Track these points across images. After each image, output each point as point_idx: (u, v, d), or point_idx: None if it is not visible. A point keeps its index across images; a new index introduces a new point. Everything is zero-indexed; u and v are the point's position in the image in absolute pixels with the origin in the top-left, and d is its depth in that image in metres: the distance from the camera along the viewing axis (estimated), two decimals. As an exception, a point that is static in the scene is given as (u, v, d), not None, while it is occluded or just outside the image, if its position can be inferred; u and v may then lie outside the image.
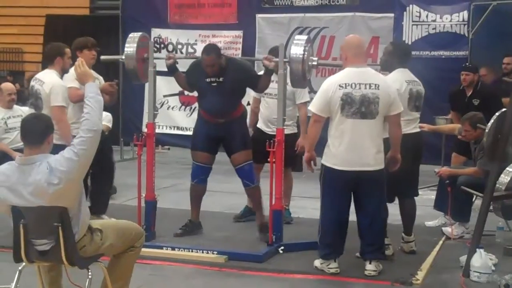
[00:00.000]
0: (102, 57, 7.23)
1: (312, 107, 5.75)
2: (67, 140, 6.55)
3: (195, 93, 12.07)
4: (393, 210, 6.39)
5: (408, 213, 6.51)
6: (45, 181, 4.10)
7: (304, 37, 6.67)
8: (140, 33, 6.91)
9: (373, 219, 5.75)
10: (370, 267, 5.76)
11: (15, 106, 8.20)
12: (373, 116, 5.59)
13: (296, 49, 6.31)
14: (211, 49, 6.73)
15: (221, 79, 6.69)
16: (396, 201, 6.49)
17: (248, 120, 7.47)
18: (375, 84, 5.61)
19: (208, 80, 6.72)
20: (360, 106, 5.56)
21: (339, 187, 5.72)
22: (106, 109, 7.58)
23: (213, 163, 7.04)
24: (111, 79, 7.51)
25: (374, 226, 5.76)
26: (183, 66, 7.13)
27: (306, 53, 6.26)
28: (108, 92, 7.07)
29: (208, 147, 6.92)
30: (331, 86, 5.65)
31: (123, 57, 6.90)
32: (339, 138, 5.64)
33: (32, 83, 6.76)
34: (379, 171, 5.69)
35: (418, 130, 6.47)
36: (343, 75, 5.73)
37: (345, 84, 5.60)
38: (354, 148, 5.60)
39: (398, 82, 6.22)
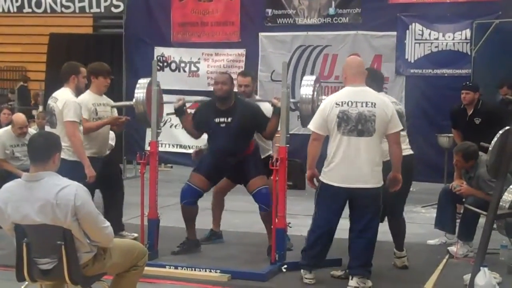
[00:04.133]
0: (113, 104, 7.51)
1: (311, 125, 5.86)
2: (80, 156, 6.62)
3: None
4: (387, 227, 6.46)
5: (398, 231, 6.55)
6: (54, 199, 4.12)
7: (312, 77, 6.75)
8: (149, 79, 6.94)
9: (361, 235, 5.80)
10: (352, 283, 5.77)
11: (28, 134, 8.21)
12: (370, 133, 5.67)
13: (306, 90, 6.45)
14: (225, 72, 7.09)
15: (229, 120, 6.75)
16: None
17: None
18: (372, 102, 5.70)
19: (217, 120, 6.77)
20: (356, 124, 5.65)
21: (333, 202, 5.82)
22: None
23: (207, 191, 7.01)
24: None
25: (361, 242, 5.81)
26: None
27: (315, 93, 6.37)
28: (116, 125, 7.44)
29: (210, 174, 6.91)
30: (328, 104, 5.79)
31: (133, 102, 6.99)
32: (336, 155, 5.73)
33: (48, 101, 6.85)
34: (375, 188, 5.75)
35: (409, 152, 6.45)
36: (340, 94, 5.87)
37: (342, 102, 5.72)
38: (350, 165, 5.68)
39: None
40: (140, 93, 6.94)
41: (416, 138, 10.71)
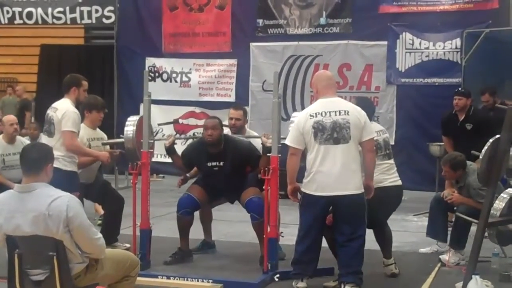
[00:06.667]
0: (104, 141, 7.54)
1: (288, 141, 5.91)
2: (89, 155, 6.84)
3: (190, 122, 12.35)
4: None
5: (383, 239, 6.56)
6: (46, 210, 4.12)
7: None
8: (138, 116, 6.94)
9: (348, 244, 5.80)
10: None
11: (18, 141, 8.17)
12: (346, 140, 5.72)
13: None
14: (214, 117, 7.08)
15: (221, 164, 6.83)
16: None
17: None
18: (345, 110, 5.78)
19: (209, 164, 6.85)
20: (332, 132, 5.71)
21: (315, 211, 5.84)
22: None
23: (204, 204, 7.04)
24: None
25: (348, 250, 5.81)
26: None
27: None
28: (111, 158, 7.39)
29: (209, 189, 6.97)
30: (302, 118, 5.86)
31: (123, 139, 6.98)
32: (314, 165, 5.77)
33: (48, 111, 6.85)
34: (356, 195, 5.76)
35: (398, 183, 6.49)
36: (313, 106, 5.95)
37: (315, 113, 5.79)
38: (328, 173, 5.72)
39: None
40: (130, 131, 6.90)
41: (407, 146, 10.82)
